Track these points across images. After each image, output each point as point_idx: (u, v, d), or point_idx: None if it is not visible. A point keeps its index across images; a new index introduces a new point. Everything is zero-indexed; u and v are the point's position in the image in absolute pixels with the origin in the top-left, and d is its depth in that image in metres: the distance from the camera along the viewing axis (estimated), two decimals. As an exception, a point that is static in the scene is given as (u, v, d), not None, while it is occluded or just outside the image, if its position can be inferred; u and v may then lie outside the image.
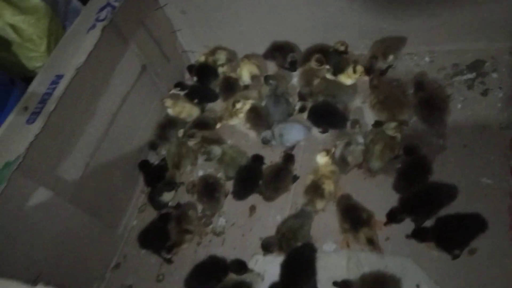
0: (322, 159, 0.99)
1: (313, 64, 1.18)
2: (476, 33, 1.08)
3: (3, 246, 0.78)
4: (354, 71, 1.15)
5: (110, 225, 1.09)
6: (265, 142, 1.14)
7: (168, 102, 1.22)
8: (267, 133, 1.14)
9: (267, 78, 1.21)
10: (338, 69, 1.16)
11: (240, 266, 0.96)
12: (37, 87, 0.88)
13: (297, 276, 0.87)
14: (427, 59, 1.16)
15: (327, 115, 1.11)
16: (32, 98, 0.85)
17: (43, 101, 0.83)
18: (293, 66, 1.25)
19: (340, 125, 1.10)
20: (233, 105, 1.19)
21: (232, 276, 0.96)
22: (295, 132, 1.10)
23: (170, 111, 1.25)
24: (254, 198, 1.09)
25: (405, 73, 1.14)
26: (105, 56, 1.01)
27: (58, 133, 0.88)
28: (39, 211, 0.86)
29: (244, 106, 1.19)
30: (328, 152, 0.99)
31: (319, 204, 0.96)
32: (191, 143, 1.16)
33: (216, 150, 1.12)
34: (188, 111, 1.25)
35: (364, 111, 1.12)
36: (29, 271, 0.80)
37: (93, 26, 0.95)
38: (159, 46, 1.27)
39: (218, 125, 1.24)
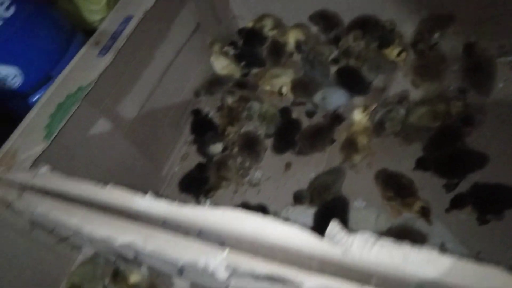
0: (358, 115, 1.03)
1: (350, 39, 1.21)
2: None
3: (70, 163, 0.87)
4: (398, 55, 1.18)
5: (155, 167, 1.18)
6: (311, 115, 1.19)
7: (216, 48, 1.29)
8: (309, 107, 1.19)
9: (299, 46, 1.26)
10: (384, 44, 1.20)
11: (260, 209, 1.03)
12: (108, 25, 0.96)
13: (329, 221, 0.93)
14: (472, 39, 1.18)
15: (352, 78, 1.16)
16: (103, 35, 0.93)
17: (113, 38, 0.91)
18: (336, 41, 1.28)
19: (361, 91, 1.15)
20: (279, 93, 1.24)
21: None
22: (338, 96, 1.15)
23: (212, 59, 1.31)
24: (291, 157, 1.15)
25: (450, 51, 1.17)
26: (166, 7, 1.07)
27: (122, 70, 0.96)
28: (99, 139, 0.95)
29: (288, 87, 1.23)
30: (365, 108, 1.03)
31: (356, 158, 1.01)
32: (230, 100, 1.23)
33: (256, 105, 1.19)
34: (228, 67, 1.31)
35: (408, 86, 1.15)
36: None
37: (160, -25, 1.02)
38: (213, 7, 1.34)
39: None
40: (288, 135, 1.14)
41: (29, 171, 0.73)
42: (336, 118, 1.13)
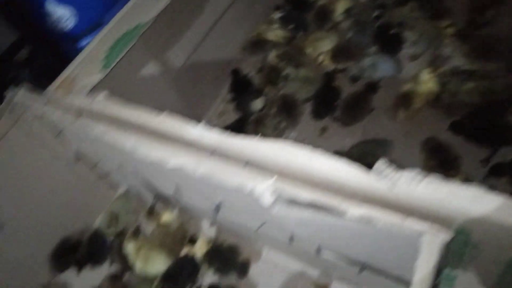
0: (426, 75, 1.02)
1: (407, 9, 1.20)
2: None
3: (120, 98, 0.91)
4: (446, 28, 1.16)
5: (194, 118, 1.21)
6: (356, 80, 1.19)
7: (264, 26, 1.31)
8: (354, 71, 1.19)
9: (349, 10, 1.26)
10: (434, 16, 1.18)
11: None
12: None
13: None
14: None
15: (391, 39, 1.17)
16: (161, -21, 0.96)
17: (171, -17, 0.94)
18: (382, 8, 1.26)
19: (392, 51, 1.16)
20: (316, 60, 1.23)
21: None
22: (387, 66, 1.15)
23: (261, 27, 1.32)
24: (327, 121, 1.17)
25: (505, 31, 1.14)
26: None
27: (176, 16, 0.99)
28: (147, 81, 0.99)
29: (327, 55, 1.23)
30: (435, 69, 1.02)
31: (401, 115, 1.01)
32: (272, 54, 1.24)
33: (293, 73, 1.19)
34: (276, 33, 1.32)
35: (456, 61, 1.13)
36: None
37: None
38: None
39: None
40: (328, 101, 1.16)
41: (87, 97, 0.77)
42: (372, 87, 1.14)
